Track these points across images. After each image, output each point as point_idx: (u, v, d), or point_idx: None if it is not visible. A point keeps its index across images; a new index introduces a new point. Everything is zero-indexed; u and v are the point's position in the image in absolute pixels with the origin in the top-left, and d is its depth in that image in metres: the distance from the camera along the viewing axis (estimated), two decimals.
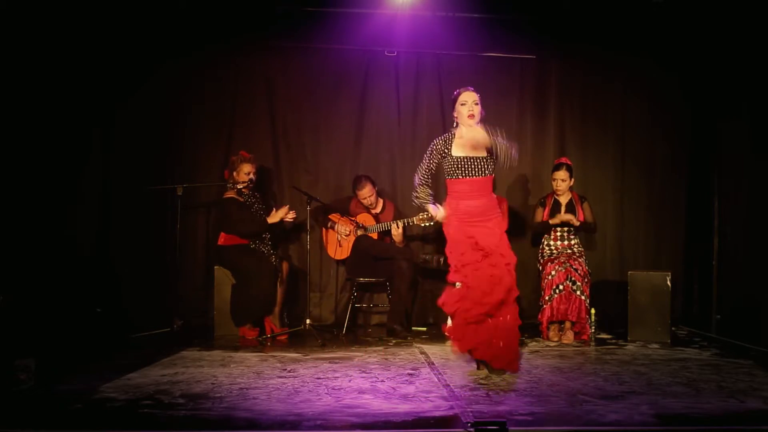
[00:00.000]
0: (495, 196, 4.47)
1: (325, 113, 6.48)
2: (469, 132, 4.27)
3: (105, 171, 6.10)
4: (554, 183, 5.84)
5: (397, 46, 6.39)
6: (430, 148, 4.38)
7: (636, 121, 6.66)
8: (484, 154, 4.28)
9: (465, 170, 4.26)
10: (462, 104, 4.32)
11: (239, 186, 5.71)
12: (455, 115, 4.38)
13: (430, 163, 4.37)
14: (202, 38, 6.22)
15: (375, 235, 5.98)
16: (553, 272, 5.57)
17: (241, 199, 5.76)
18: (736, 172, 6.04)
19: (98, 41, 5.92)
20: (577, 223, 5.73)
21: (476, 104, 4.32)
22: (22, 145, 5.29)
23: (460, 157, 4.27)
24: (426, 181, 4.42)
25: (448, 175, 4.34)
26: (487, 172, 4.31)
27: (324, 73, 6.47)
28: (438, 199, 4.57)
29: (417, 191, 4.41)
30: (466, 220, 4.28)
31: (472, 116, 4.29)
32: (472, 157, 4.27)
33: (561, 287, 5.52)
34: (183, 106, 6.35)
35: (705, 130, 6.48)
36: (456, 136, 4.33)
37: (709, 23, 6.09)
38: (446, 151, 4.30)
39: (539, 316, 5.64)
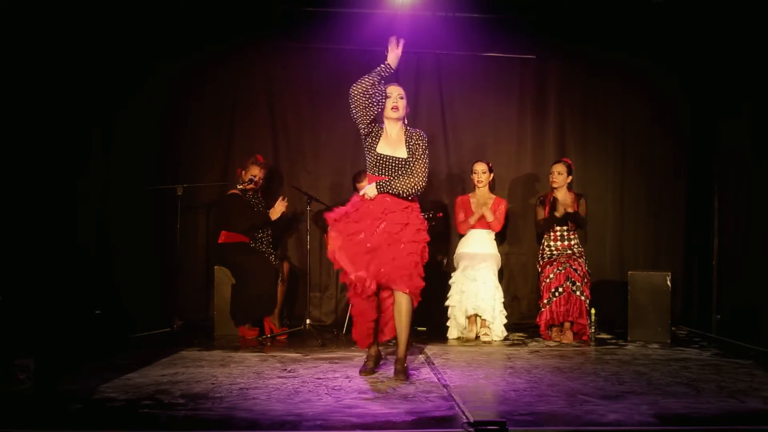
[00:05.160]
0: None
1: (325, 113, 6.48)
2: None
3: (105, 171, 6.10)
4: (551, 176, 5.91)
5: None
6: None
7: (636, 121, 6.66)
8: (404, 155, 4.21)
9: (383, 169, 4.20)
10: (388, 96, 4.21)
11: (240, 186, 5.74)
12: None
13: (367, 127, 4.22)
14: (202, 38, 6.23)
15: None
16: (551, 275, 5.58)
17: (244, 198, 5.79)
18: (736, 172, 6.04)
19: (98, 41, 5.92)
20: (571, 210, 5.74)
21: (401, 98, 4.23)
22: (21, 146, 5.28)
23: (382, 155, 4.20)
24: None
25: (369, 170, 4.29)
26: (402, 173, 4.20)
27: (324, 73, 6.47)
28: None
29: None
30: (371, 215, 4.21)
31: (395, 108, 4.21)
32: (393, 157, 4.21)
33: (560, 289, 5.53)
34: (183, 106, 6.35)
35: (705, 130, 6.48)
36: (384, 131, 4.27)
37: (709, 23, 6.09)
38: (374, 144, 4.24)
39: (537, 319, 5.66)
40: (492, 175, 6.05)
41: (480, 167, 5.97)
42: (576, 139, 6.66)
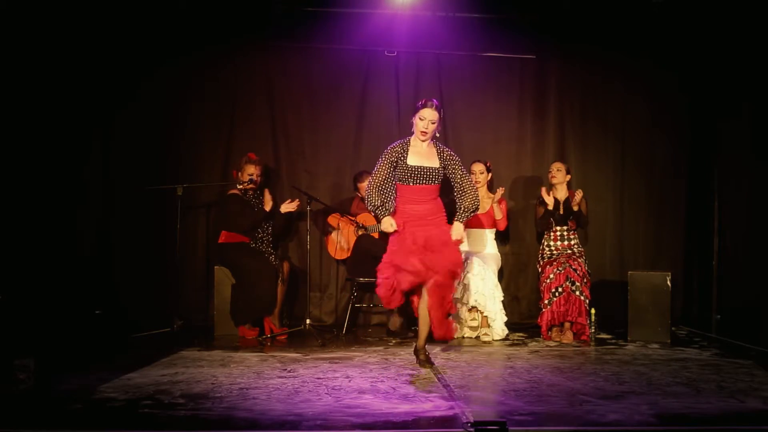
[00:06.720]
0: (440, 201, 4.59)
1: (325, 113, 6.48)
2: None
3: (105, 171, 6.10)
4: (550, 173, 5.98)
5: (397, 46, 6.39)
6: (383, 156, 4.49)
7: (636, 121, 6.66)
8: (437, 165, 4.47)
9: (416, 178, 4.41)
10: (420, 119, 4.41)
11: (240, 186, 5.74)
12: (413, 122, 4.49)
13: (387, 169, 4.46)
14: (202, 38, 6.23)
15: (376, 235, 5.98)
16: (551, 275, 5.59)
17: (244, 198, 5.79)
18: (736, 172, 6.03)
19: (98, 41, 5.92)
20: (576, 208, 5.77)
21: (433, 123, 4.41)
22: (22, 146, 5.29)
23: (414, 166, 4.42)
24: (384, 187, 4.47)
25: (400, 181, 4.48)
26: (436, 180, 4.47)
27: (324, 73, 6.47)
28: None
29: (372, 197, 4.45)
30: (413, 221, 4.44)
31: (424, 133, 4.43)
32: (426, 167, 4.44)
33: (560, 289, 5.53)
34: (183, 106, 6.35)
35: (705, 130, 6.48)
36: (411, 145, 4.49)
37: (709, 23, 6.09)
38: (403, 158, 4.44)
39: (539, 320, 5.66)
40: (490, 175, 6.06)
41: (477, 167, 5.97)
42: (576, 139, 6.66)
